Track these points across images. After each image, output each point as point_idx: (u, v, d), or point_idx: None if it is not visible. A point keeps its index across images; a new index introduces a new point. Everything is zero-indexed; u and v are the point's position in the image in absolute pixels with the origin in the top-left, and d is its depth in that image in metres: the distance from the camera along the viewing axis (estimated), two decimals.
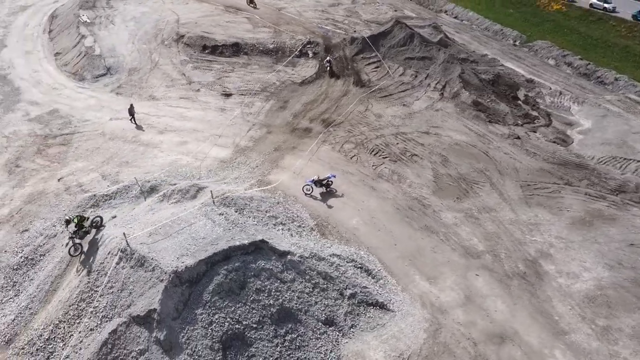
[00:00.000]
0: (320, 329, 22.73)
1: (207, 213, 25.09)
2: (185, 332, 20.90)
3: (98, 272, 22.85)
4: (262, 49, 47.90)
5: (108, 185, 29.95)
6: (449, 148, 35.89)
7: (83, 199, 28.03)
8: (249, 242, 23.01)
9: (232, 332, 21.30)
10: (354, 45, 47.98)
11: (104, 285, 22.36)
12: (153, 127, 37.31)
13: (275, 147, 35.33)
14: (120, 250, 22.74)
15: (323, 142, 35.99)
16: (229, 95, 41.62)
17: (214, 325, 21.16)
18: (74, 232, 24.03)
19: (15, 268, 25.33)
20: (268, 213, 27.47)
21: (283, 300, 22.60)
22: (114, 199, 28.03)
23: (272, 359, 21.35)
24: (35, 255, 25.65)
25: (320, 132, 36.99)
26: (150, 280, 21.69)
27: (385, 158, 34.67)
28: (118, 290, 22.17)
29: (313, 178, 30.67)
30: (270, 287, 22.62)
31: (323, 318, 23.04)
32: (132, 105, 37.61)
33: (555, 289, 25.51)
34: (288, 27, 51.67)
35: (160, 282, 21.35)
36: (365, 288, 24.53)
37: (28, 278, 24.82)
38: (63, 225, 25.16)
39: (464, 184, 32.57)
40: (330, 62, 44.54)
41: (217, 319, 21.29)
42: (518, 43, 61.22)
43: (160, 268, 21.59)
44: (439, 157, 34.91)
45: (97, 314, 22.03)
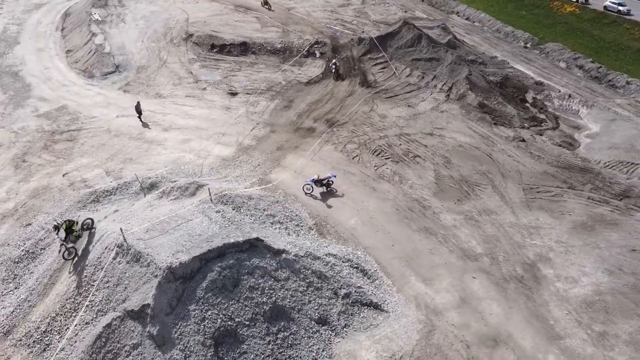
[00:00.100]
0: (313, 328, 22.79)
1: (204, 210, 25.31)
2: (178, 327, 21.10)
3: (95, 266, 23.16)
4: (269, 49, 48.15)
5: (111, 182, 30.33)
6: (452, 150, 35.74)
7: (84, 195, 28.45)
8: (244, 239, 23.16)
9: (224, 328, 21.45)
10: (362, 46, 47.97)
11: (100, 280, 22.66)
12: (158, 124, 37.70)
13: (278, 146, 35.50)
14: (117, 246, 23.04)
15: (326, 142, 36.07)
16: (235, 94, 41.90)
17: (207, 322, 21.33)
18: (65, 237, 23.94)
19: (17, 261, 25.76)
20: (266, 211, 27.62)
21: (276, 299, 22.71)
22: (114, 195, 28.40)
23: (263, 357, 21.48)
24: (36, 249, 26.08)
25: (324, 131, 37.08)
26: (145, 276, 21.94)
27: (388, 159, 34.64)
28: (114, 285, 22.46)
29: (313, 177, 30.77)
30: (264, 285, 22.75)
31: (316, 317, 23.11)
32: (138, 103, 38.05)
33: (553, 293, 25.28)
34: (296, 27, 51.86)
35: (155, 277, 21.59)
36: (360, 288, 24.55)
37: (28, 271, 25.23)
38: (53, 232, 24.98)
39: (466, 186, 32.42)
40: (336, 64, 44.49)
41: (209, 315, 21.46)
42: (529, 45, 60.73)
43: (155, 264, 21.83)
44: (442, 158, 34.78)
45: (92, 308, 22.34)
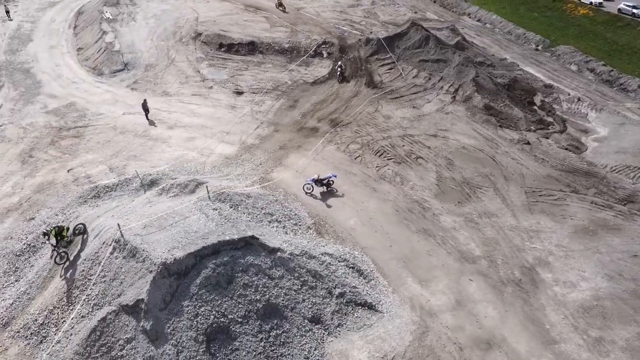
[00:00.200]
0: (306, 327, 22.87)
1: (201, 208, 25.53)
2: (171, 323, 21.30)
3: (92, 261, 23.49)
4: (277, 48, 48.34)
5: (114, 178, 30.71)
6: (456, 151, 35.57)
7: (85, 190, 28.87)
8: (239, 237, 23.31)
9: (217, 325, 21.61)
10: (369, 46, 47.90)
11: (97, 274, 22.98)
12: (163, 122, 38.07)
13: (281, 145, 35.64)
14: (115, 241, 23.34)
15: (329, 142, 36.13)
16: (241, 93, 42.16)
17: (200, 318, 21.51)
18: (56, 243, 24.07)
19: (18, 254, 26.23)
20: (264, 210, 27.77)
21: (270, 296, 22.83)
22: (115, 191, 28.77)
23: (255, 354, 21.60)
24: (37, 243, 26.50)
25: (327, 131, 37.14)
26: (141, 271, 22.20)
27: (390, 160, 34.59)
28: (110, 280, 22.76)
29: (313, 177, 30.84)
30: (258, 282, 22.88)
31: (309, 316, 23.18)
32: (145, 101, 38.48)
33: (550, 298, 25.07)
34: (305, 27, 52.00)
35: (150, 273, 21.83)
36: (355, 288, 24.57)
37: (29, 264, 25.67)
38: (44, 238, 25.14)
39: (467, 188, 32.25)
40: (342, 67, 44.35)
41: (202, 312, 21.64)
42: (540, 47, 60.15)
43: (150, 259, 22.08)
44: (445, 160, 34.64)
45: (89, 302, 22.66)
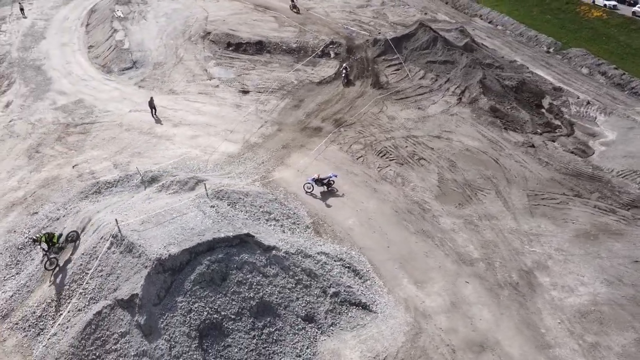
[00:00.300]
0: (299, 325, 22.96)
1: (199, 205, 25.75)
2: (165, 318, 21.52)
3: (90, 255, 23.80)
4: (285, 48, 48.51)
5: (116, 174, 31.08)
6: (459, 153, 35.40)
7: (86, 186, 29.29)
8: (234, 235, 23.48)
9: (210, 321, 21.78)
10: (377, 47, 47.82)
11: (94, 269, 23.28)
12: (169, 120, 38.46)
13: (284, 144, 35.80)
14: (112, 236, 23.63)
15: (332, 141, 36.19)
16: (247, 92, 42.41)
17: (193, 314, 21.70)
18: (47, 249, 24.21)
19: (20, 247, 26.68)
20: (262, 208, 27.91)
21: (264, 294, 22.95)
22: (116, 187, 29.15)
23: (247, 351, 21.73)
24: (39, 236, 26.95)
25: (331, 131, 37.19)
26: (136, 266, 22.45)
27: (392, 160, 34.55)
28: (107, 274, 23.04)
29: (313, 176, 30.93)
30: (252, 280, 23.02)
31: (303, 314, 23.26)
32: (152, 99, 38.87)
33: (547, 302, 24.85)
34: (313, 27, 52.11)
35: (145, 268, 22.08)
36: (350, 288, 24.60)
37: (30, 257, 26.08)
38: (33, 244, 25.31)
39: (469, 190, 32.09)
40: (347, 69, 44.16)
41: (196, 308, 21.83)
42: (552, 50, 59.57)
43: (146, 255, 22.33)
44: (447, 161, 34.49)
45: (85, 296, 22.97)
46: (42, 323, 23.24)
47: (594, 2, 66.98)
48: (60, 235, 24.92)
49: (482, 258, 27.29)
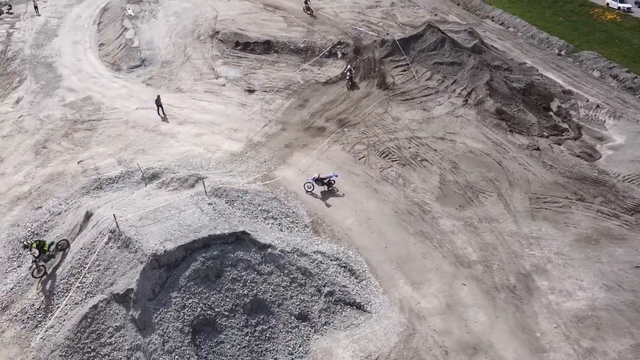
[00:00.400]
0: (292, 323, 23.05)
1: (197, 202, 25.95)
2: (159, 313, 21.74)
3: (89, 250, 24.14)
4: (292, 48, 48.61)
5: (119, 170, 31.45)
6: (462, 155, 35.22)
7: (88, 182, 29.69)
8: (230, 232, 23.64)
9: (203, 317, 21.96)
10: (384, 48, 47.72)
11: (92, 263, 23.61)
12: (174, 117, 38.79)
13: (287, 143, 35.92)
14: (110, 231, 23.93)
15: (335, 141, 36.23)
16: (252, 92, 42.59)
17: (187, 310, 21.89)
18: (38, 256, 24.29)
19: (22, 241, 27.07)
20: (260, 207, 28.05)
21: (258, 292, 23.08)
22: (117, 183, 29.51)
23: (239, 347, 21.88)
24: (40, 231, 27.43)
25: (334, 131, 37.23)
26: (133, 261, 22.72)
27: (395, 161, 34.49)
28: (104, 269, 23.35)
29: (314, 176, 31.00)
30: (247, 277, 23.16)
31: (297, 312, 23.35)
32: (158, 97, 39.22)
33: (544, 306, 24.63)
34: (322, 27, 52.17)
35: (140, 263, 22.33)
36: (345, 287, 24.63)
37: (31, 251, 26.46)
38: (25, 250, 25.28)
39: (470, 193, 31.92)
40: (351, 71, 43.88)
41: (190, 304, 22.02)
42: (563, 52, 58.94)
43: (142, 250, 22.59)
44: (450, 163, 34.34)
45: (83, 289, 23.31)
46: (40, 315, 23.62)
47: (608, 4, 66.14)
48: (52, 244, 24.96)
49: (480, 260, 27.15)
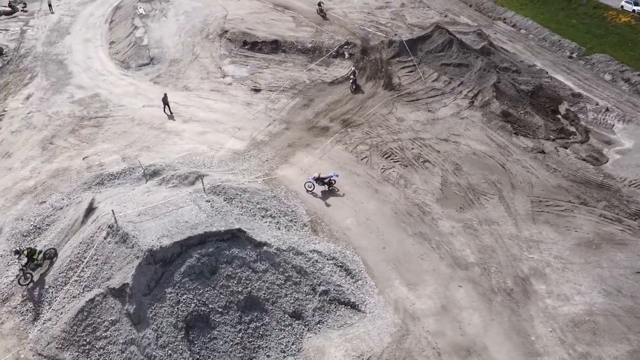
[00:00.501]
0: (286, 321, 23.17)
1: (195, 199, 26.18)
2: (154, 308, 22.00)
3: (88, 244, 24.49)
4: (299, 47, 48.73)
5: (122, 167, 31.84)
6: (465, 157, 35.05)
7: (90, 177, 30.12)
8: (225, 229, 23.83)
9: (197, 313, 22.19)
10: (391, 49, 47.59)
11: (90, 257, 23.95)
12: (180, 115, 39.14)
13: (290, 143, 36.04)
14: (108, 226, 24.27)
15: (338, 141, 36.27)
16: (258, 91, 42.78)
17: (181, 305, 22.13)
18: (26, 263, 24.46)
19: (25, 235, 27.61)
20: (259, 205, 28.20)
21: (252, 289, 23.24)
22: (118, 179, 29.91)
23: (232, 344, 22.06)
24: (43, 225, 27.90)
25: (338, 131, 37.27)
26: (129, 257, 23.02)
27: (397, 162, 34.44)
28: (102, 263, 23.69)
29: (314, 175, 31.08)
30: (241, 274, 23.32)
31: (290, 311, 23.46)
32: (165, 95, 39.57)
33: (540, 309, 24.45)
34: (330, 27, 52.22)
35: (137, 258, 22.62)
36: (340, 287, 24.68)
37: (33, 245, 26.90)
38: (15, 256, 25.38)
39: (471, 194, 31.76)
40: (355, 74, 43.46)
41: (184, 299, 22.25)
42: (575, 55, 58.27)
43: (138, 246, 22.86)
44: (452, 165, 34.19)
45: (80, 283, 23.67)
46: (38, 308, 24.01)
47: (622, 7, 65.29)
48: (40, 252, 25.13)
49: (477, 263, 27.02)
